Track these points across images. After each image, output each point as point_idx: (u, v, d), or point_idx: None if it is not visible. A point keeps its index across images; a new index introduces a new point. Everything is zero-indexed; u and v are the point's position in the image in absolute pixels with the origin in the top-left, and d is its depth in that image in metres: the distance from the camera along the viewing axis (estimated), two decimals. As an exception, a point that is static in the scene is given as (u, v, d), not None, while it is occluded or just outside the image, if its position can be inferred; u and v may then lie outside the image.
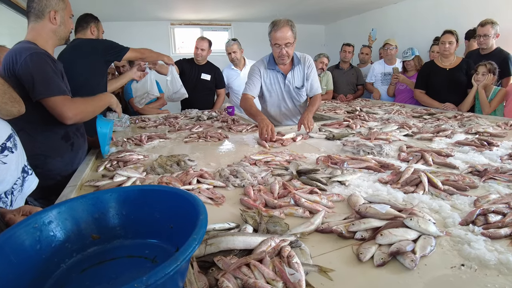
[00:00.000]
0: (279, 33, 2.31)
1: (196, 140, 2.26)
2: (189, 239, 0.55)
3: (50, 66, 1.56)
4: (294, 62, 2.58)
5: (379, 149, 1.75)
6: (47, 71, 1.54)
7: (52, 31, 1.67)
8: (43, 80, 1.51)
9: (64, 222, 0.76)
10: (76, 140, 1.79)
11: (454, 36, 3.28)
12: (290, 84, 2.62)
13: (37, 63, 1.51)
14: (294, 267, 0.73)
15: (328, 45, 7.53)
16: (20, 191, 1.26)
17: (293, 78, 2.62)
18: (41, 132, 1.62)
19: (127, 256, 0.77)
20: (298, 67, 2.60)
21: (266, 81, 2.64)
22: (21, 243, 0.68)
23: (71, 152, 1.75)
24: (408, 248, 0.81)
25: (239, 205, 1.19)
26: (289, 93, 2.68)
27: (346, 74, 4.77)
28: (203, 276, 0.75)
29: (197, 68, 3.95)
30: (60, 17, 1.67)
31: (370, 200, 1.12)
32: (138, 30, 6.33)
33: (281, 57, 2.44)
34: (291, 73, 2.59)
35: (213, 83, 3.99)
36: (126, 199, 0.82)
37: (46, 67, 1.54)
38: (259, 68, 2.61)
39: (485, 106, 3.01)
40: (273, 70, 2.59)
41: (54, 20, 1.65)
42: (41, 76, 1.51)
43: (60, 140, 1.70)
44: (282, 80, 2.62)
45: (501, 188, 1.23)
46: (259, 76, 2.61)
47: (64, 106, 1.56)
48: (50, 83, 1.53)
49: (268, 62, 2.60)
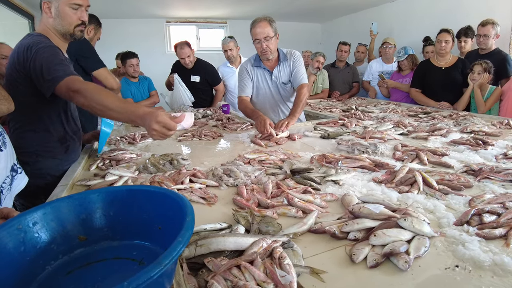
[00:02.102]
0: (258, 29, 2.37)
1: (190, 138, 2.24)
2: (174, 242, 0.53)
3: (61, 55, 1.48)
4: (280, 58, 2.59)
5: (374, 148, 1.73)
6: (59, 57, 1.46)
7: (52, 25, 1.55)
8: (53, 63, 1.41)
9: (49, 223, 0.74)
10: (72, 143, 1.74)
11: (450, 34, 3.28)
12: (277, 80, 2.64)
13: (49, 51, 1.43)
14: (286, 269, 0.72)
15: (324, 44, 7.52)
16: (9, 190, 1.24)
17: (279, 74, 2.63)
18: (39, 132, 1.58)
19: (114, 257, 0.76)
20: (284, 63, 2.60)
21: (253, 79, 2.66)
22: (4, 245, 0.66)
23: (64, 154, 1.71)
24: (401, 249, 0.80)
25: (232, 205, 1.18)
26: (277, 89, 2.69)
27: (342, 72, 4.76)
28: (193, 278, 0.73)
29: (187, 71, 3.90)
30: (54, 9, 1.51)
31: (364, 200, 1.11)
32: (133, 27, 6.28)
33: (263, 53, 2.46)
34: (277, 69, 2.61)
35: (204, 83, 3.93)
36: (113, 200, 0.80)
37: (59, 54, 1.46)
38: (246, 67, 2.65)
39: (481, 105, 3.01)
40: (259, 67, 2.62)
41: (49, 12, 1.52)
42: (57, 61, 1.42)
43: (56, 142, 1.66)
44: (269, 77, 2.64)
45: (496, 188, 1.22)
46: (248, 75, 2.64)
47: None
48: (61, 67, 1.42)
49: (254, 60, 2.64)
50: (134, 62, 3.77)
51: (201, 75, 3.88)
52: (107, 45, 4.65)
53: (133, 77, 3.83)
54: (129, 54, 3.78)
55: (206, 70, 3.92)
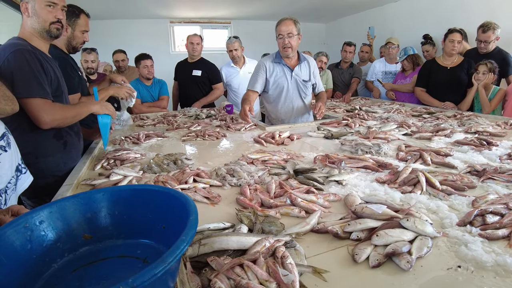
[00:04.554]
0: (283, 26, 2.54)
1: (194, 138, 2.25)
2: (178, 240, 0.54)
3: (33, 64, 1.49)
4: (300, 58, 2.76)
5: (378, 148, 1.73)
6: (28, 70, 1.47)
7: (30, 25, 1.59)
8: (22, 79, 1.45)
9: (55, 221, 0.76)
10: (69, 139, 1.74)
11: (461, 35, 3.27)
12: (297, 76, 2.75)
13: (18, 61, 1.45)
14: (288, 268, 0.73)
15: (328, 44, 7.50)
16: (14, 190, 1.25)
17: (300, 72, 2.76)
18: (31, 131, 1.56)
19: (119, 256, 0.77)
20: (304, 63, 2.77)
21: (272, 74, 2.75)
22: (12, 243, 0.68)
23: (63, 151, 1.70)
24: (404, 249, 0.80)
25: (235, 204, 1.18)
26: (295, 85, 2.78)
27: (345, 73, 4.74)
28: (196, 277, 0.74)
29: (189, 66, 3.99)
30: (31, 8, 1.56)
31: (367, 200, 1.11)
32: (138, 28, 6.30)
33: (285, 48, 2.59)
34: (298, 67, 2.75)
35: (205, 77, 3.98)
36: (118, 199, 0.81)
37: (28, 65, 1.47)
38: (265, 63, 2.75)
39: (486, 105, 2.99)
40: (279, 63, 2.73)
41: (27, 12, 1.56)
42: (20, 75, 1.44)
43: (51, 139, 1.65)
44: (289, 73, 2.75)
45: (499, 188, 1.22)
46: (264, 71, 2.74)
47: (41, 110, 1.48)
48: (29, 83, 1.46)
49: (275, 56, 2.76)
50: (148, 63, 3.73)
51: (202, 70, 3.95)
52: (111, 45, 4.68)
53: (148, 78, 3.79)
54: (143, 55, 3.74)
55: (208, 67, 3.99)
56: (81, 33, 2.11)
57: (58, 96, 1.65)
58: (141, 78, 3.80)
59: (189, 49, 3.96)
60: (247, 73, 3.98)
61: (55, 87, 1.63)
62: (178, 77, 4.20)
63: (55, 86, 1.63)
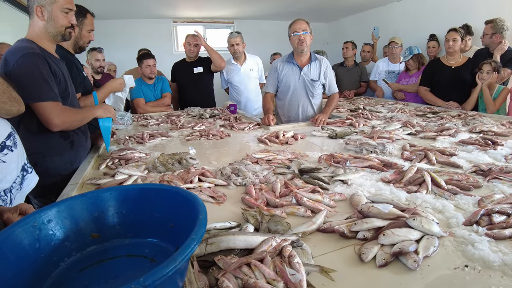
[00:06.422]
0: (297, 24, 2.68)
1: (198, 138, 2.26)
2: (188, 239, 0.54)
3: (42, 68, 1.50)
4: (311, 58, 2.84)
5: (382, 148, 1.73)
6: (38, 74, 1.48)
7: (43, 28, 1.60)
8: (32, 84, 1.47)
9: (63, 220, 0.76)
10: (76, 138, 1.75)
11: (458, 33, 3.26)
12: (305, 76, 2.84)
13: (28, 66, 1.46)
14: (295, 267, 0.73)
15: (331, 43, 7.48)
16: (19, 190, 1.26)
17: (309, 72, 2.84)
18: (38, 130, 1.58)
19: (126, 255, 0.77)
20: (315, 63, 2.86)
21: (282, 72, 2.88)
22: (20, 242, 0.68)
23: (70, 150, 1.72)
24: (410, 249, 0.80)
25: (241, 204, 1.19)
26: (303, 84, 2.87)
27: (351, 72, 4.74)
28: (204, 276, 0.74)
29: (188, 65, 3.92)
30: (47, 12, 1.57)
31: (373, 200, 1.11)
32: (141, 28, 6.31)
33: (299, 43, 2.69)
34: (308, 67, 2.83)
35: (206, 70, 3.95)
36: (126, 198, 0.82)
37: (37, 70, 1.48)
38: (277, 64, 2.90)
39: (490, 104, 2.97)
40: (290, 62, 2.85)
41: (42, 16, 1.57)
42: (30, 79, 1.46)
43: (58, 138, 1.66)
44: (298, 72, 2.84)
45: (505, 188, 1.22)
46: (275, 72, 2.90)
47: (52, 113, 1.51)
48: (40, 88, 1.49)
49: (287, 56, 2.89)
50: (151, 62, 3.70)
51: (203, 65, 3.93)
52: (115, 45, 4.70)
53: (150, 78, 3.77)
54: (146, 55, 3.73)
55: (207, 60, 3.93)
56: (87, 33, 2.14)
57: (66, 97, 1.66)
58: (144, 77, 3.80)
59: (186, 50, 3.91)
60: (248, 70, 3.98)
61: (63, 88, 1.64)
62: (178, 78, 4.11)
63: (63, 87, 1.64)
